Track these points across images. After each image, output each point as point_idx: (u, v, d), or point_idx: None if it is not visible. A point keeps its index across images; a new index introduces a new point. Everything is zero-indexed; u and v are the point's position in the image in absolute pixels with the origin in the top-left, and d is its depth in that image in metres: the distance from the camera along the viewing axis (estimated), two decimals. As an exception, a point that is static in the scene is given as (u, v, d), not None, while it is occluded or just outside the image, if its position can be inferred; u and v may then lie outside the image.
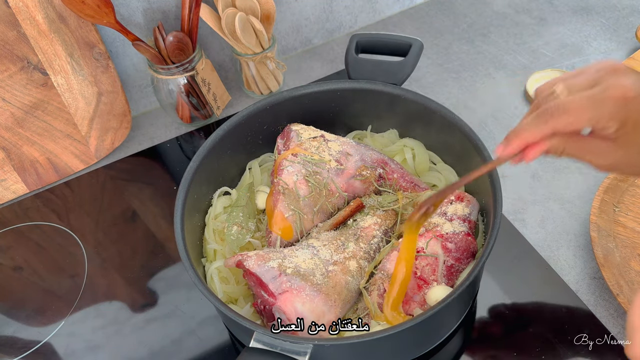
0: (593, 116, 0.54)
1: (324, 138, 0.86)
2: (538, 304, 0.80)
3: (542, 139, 0.56)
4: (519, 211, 0.91)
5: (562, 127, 0.54)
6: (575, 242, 0.87)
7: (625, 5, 1.21)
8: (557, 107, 0.54)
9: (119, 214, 0.98)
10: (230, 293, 0.79)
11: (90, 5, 0.90)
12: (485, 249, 0.68)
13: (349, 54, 0.90)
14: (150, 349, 0.82)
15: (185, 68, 1.00)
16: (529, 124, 0.56)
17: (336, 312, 0.72)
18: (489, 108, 1.06)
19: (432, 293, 0.72)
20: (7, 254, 0.96)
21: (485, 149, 0.78)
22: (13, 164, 1.02)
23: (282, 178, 0.81)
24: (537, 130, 0.55)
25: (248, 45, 1.01)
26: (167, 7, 1.03)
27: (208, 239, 0.84)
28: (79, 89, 1.01)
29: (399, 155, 0.92)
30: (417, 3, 1.29)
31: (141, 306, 0.87)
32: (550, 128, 0.55)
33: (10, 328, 0.87)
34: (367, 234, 0.79)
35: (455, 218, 0.77)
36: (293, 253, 0.74)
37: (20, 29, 0.93)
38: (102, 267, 0.92)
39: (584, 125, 0.55)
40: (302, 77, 1.18)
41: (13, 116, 0.99)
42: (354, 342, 0.63)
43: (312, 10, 1.17)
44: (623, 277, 0.78)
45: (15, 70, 0.96)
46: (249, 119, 0.88)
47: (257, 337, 0.64)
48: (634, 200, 0.87)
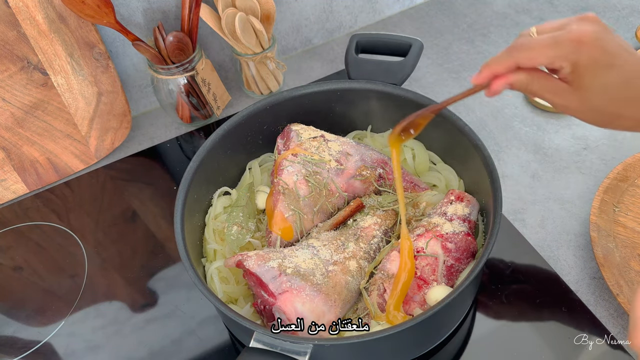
0: (550, 54, 0.59)
1: (324, 138, 0.86)
2: (538, 304, 0.80)
3: (507, 71, 0.61)
4: (519, 211, 0.91)
5: (523, 61, 0.60)
6: (575, 242, 0.87)
7: (625, 5, 1.21)
8: (522, 43, 0.60)
9: (119, 214, 0.98)
10: (230, 293, 0.79)
11: (90, 5, 0.90)
12: (485, 249, 0.68)
13: (349, 54, 0.90)
14: (150, 349, 0.82)
15: (185, 68, 1.00)
16: (498, 57, 0.61)
17: (336, 312, 0.72)
18: (489, 108, 1.07)
19: (432, 293, 0.72)
20: (7, 254, 0.96)
21: (485, 149, 0.78)
22: (13, 164, 1.02)
23: (282, 178, 0.81)
24: (503, 62, 0.61)
25: (248, 45, 1.01)
26: (167, 7, 1.03)
27: (208, 239, 0.84)
28: (79, 89, 1.01)
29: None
30: (417, 3, 1.29)
31: (141, 306, 0.87)
32: (514, 61, 0.60)
33: (10, 328, 0.87)
34: (367, 234, 0.79)
35: (455, 218, 0.77)
36: (293, 253, 0.74)
37: (20, 29, 0.93)
38: (102, 267, 0.92)
39: (543, 62, 0.60)
40: (302, 77, 1.18)
41: (13, 116, 0.99)
42: (354, 342, 0.63)
43: (312, 10, 1.18)
44: (623, 277, 0.78)
45: (15, 70, 0.96)
46: (249, 119, 0.88)
47: (257, 337, 0.64)
48: (634, 200, 0.87)
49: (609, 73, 0.59)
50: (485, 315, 0.80)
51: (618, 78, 0.59)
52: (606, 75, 0.59)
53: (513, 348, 0.76)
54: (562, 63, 0.59)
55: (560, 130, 1.01)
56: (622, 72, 0.59)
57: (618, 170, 0.89)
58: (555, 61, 0.59)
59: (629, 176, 0.88)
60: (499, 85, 0.62)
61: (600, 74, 0.59)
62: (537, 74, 0.61)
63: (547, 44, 0.59)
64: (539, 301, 0.80)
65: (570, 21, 0.60)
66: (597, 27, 0.58)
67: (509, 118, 1.04)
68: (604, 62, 0.58)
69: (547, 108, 1.04)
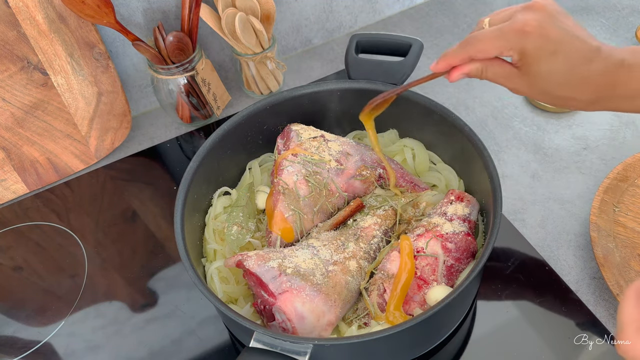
0: (498, 46, 0.62)
1: (324, 138, 0.86)
2: (538, 304, 0.80)
3: (462, 62, 0.65)
4: (519, 211, 0.91)
5: (475, 54, 0.64)
6: (575, 242, 0.87)
7: (625, 5, 1.21)
8: (474, 37, 0.64)
9: (119, 214, 0.98)
10: (230, 293, 0.79)
11: (90, 5, 0.90)
12: (485, 249, 0.68)
13: (349, 54, 0.90)
14: (150, 349, 0.82)
15: (185, 68, 1.00)
16: (453, 49, 0.66)
17: (336, 312, 0.72)
18: (489, 108, 1.07)
19: (432, 293, 0.72)
20: (7, 254, 0.96)
21: (485, 149, 0.78)
22: (13, 164, 1.02)
23: (282, 178, 0.81)
24: (457, 55, 0.65)
25: (248, 45, 1.01)
26: (167, 7, 1.03)
27: (208, 239, 0.84)
28: (79, 89, 1.01)
29: (399, 155, 0.92)
30: (417, 3, 1.29)
31: (141, 306, 0.87)
32: (466, 54, 0.64)
33: (10, 328, 0.87)
34: (367, 234, 0.79)
35: (455, 218, 0.77)
36: (293, 253, 0.74)
37: (20, 29, 0.93)
38: (102, 267, 0.92)
39: (492, 53, 0.64)
40: (302, 77, 1.18)
41: (13, 116, 0.99)
42: (354, 342, 0.63)
43: (312, 10, 1.18)
44: (623, 277, 0.78)
45: (15, 70, 0.96)
46: (249, 119, 0.88)
47: (257, 337, 0.64)
48: (634, 200, 0.87)
49: (554, 59, 0.61)
50: (485, 315, 0.80)
51: (563, 64, 0.61)
52: (551, 61, 0.61)
53: (513, 348, 0.76)
54: (509, 52, 0.62)
55: (560, 130, 1.01)
56: (567, 58, 0.61)
57: (618, 170, 0.89)
58: (503, 51, 0.63)
59: (629, 176, 0.88)
60: (457, 76, 0.66)
61: (545, 60, 0.61)
62: (489, 62, 0.65)
63: (494, 36, 0.62)
64: (539, 301, 0.80)
65: (517, 11, 0.63)
66: (540, 15, 0.61)
67: (509, 118, 1.04)
68: (548, 49, 0.61)
69: (547, 108, 1.04)
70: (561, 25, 0.61)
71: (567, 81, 0.62)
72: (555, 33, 0.60)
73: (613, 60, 0.61)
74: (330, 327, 0.71)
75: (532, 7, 0.62)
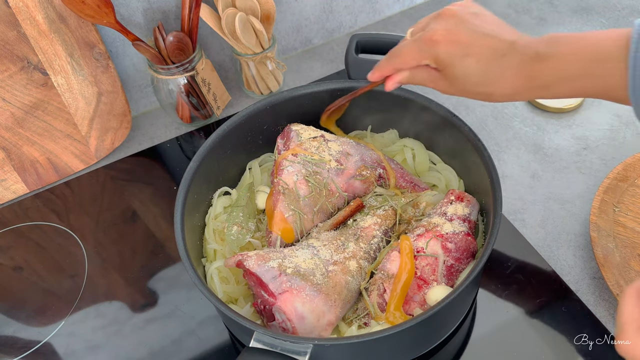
0: (415, 57, 0.68)
1: (324, 138, 0.86)
2: (538, 304, 0.80)
3: (391, 73, 0.72)
4: (519, 211, 0.91)
5: (399, 66, 0.71)
6: (575, 242, 0.87)
7: (625, 5, 1.21)
8: (395, 51, 0.71)
9: (119, 214, 0.98)
10: (230, 293, 0.79)
11: (90, 5, 0.90)
12: (485, 249, 0.68)
13: (349, 54, 0.90)
14: (150, 349, 0.82)
15: (185, 68, 1.00)
16: (381, 63, 0.73)
17: (336, 312, 0.72)
18: (489, 108, 1.07)
19: (432, 293, 0.72)
20: (7, 254, 0.96)
21: (485, 149, 0.78)
22: (13, 164, 1.02)
23: (282, 178, 0.81)
24: (385, 67, 0.72)
25: (248, 45, 1.01)
26: (167, 7, 1.03)
27: (208, 239, 0.84)
28: (79, 89, 1.01)
29: (399, 155, 0.92)
30: (417, 3, 1.29)
31: (141, 306, 0.87)
32: (392, 66, 0.71)
33: (10, 328, 0.87)
34: (367, 234, 0.79)
35: (455, 218, 0.77)
36: (293, 253, 0.74)
37: (20, 29, 0.93)
38: (102, 267, 0.92)
39: (412, 64, 0.69)
40: (302, 77, 1.18)
41: (13, 116, 0.99)
42: (354, 342, 0.63)
43: (312, 10, 1.18)
44: (623, 277, 0.78)
45: (15, 70, 0.96)
46: (249, 119, 0.88)
47: (257, 337, 0.64)
48: (634, 200, 0.87)
49: (466, 62, 0.64)
50: (485, 315, 0.80)
51: (476, 65, 0.64)
52: (463, 64, 0.65)
53: (513, 348, 0.76)
54: (426, 61, 0.68)
55: (560, 130, 1.01)
56: (478, 59, 0.64)
57: (618, 170, 0.89)
58: (421, 61, 0.68)
59: (629, 176, 0.88)
60: (391, 85, 0.73)
61: (459, 64, 0.65)
62: (415, 69, 0.70)
63: (410, 48, 0.68)
64: (539, 301, 0.80)
65: (431, 19, 0.68)
66: (449, 22, 0.65)
67: (509, 118, 1.04)
68: (459, 53, 0.64)
69: (547, 108, 1.04)
70: (472, 28, 0.64)
71: (483, 80, 0.65)
72: (465, 36, 0.64)
73: (528, 52, 0.62)
74: (330, 327, 0.72)
75: (442, 15, 0.66)
